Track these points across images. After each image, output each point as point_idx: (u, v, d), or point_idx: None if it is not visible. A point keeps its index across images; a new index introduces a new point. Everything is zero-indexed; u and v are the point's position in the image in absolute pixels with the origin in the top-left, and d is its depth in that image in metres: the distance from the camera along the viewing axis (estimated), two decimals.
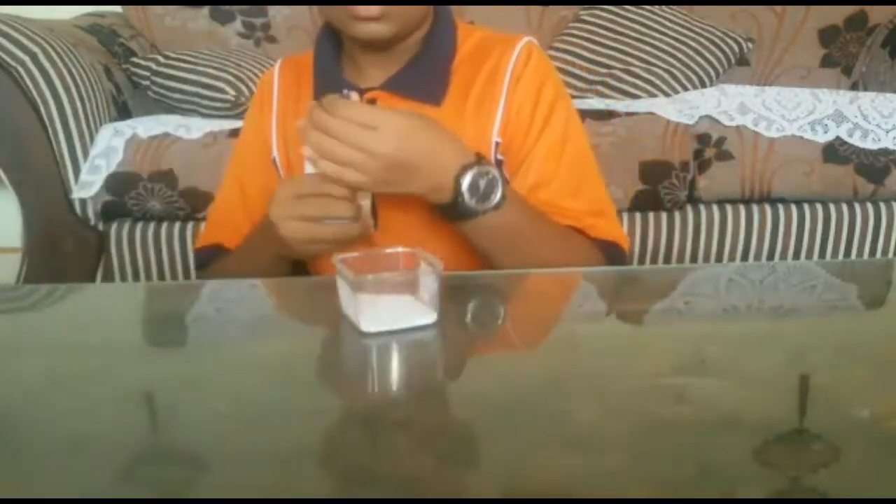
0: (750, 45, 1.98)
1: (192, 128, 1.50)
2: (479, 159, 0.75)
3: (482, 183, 0.74)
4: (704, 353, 0.56)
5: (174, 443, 0.43)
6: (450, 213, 0.76)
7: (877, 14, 2.00)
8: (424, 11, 0.84)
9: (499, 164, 0.85)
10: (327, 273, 0.83)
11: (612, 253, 0.86)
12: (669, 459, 0.40)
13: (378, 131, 0.69)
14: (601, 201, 0.89)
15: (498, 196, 0.75)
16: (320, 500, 0.37)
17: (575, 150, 0.87)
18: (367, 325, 0.56)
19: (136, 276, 1.54)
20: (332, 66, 0.87)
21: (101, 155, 1.47)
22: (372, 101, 0.84)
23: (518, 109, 0.84)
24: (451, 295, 0.65)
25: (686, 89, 1.84)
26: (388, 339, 0.56)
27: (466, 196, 0.73)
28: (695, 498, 0.36)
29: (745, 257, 1.56)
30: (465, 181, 0.73)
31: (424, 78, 0.84)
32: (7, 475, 0.40)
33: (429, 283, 0.57)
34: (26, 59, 1.43)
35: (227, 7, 1.97)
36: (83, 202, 1.50)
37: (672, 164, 1.47)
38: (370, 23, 0.78)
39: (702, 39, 1.92)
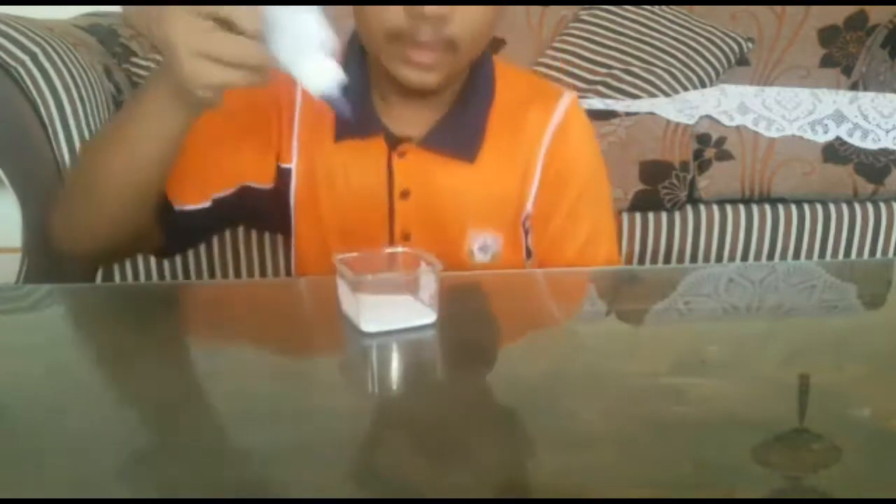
0: (750, 45, 1.98)
1: None
2: None
3: None
4: (704, 353, 0.56)
5: (174, 443, 0.43)
6: None
7: (877, 14, 2.01)
8: (469, 63, 0.80)
9: (525, 232, 0.86)
10: (313, 269, 0.83)
11: None
12: (669, 459, 0.40)
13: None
14: (605, 233, 0.89)
15: None
16: (320, 500, 0.37)
17: (596, 208, 0.88)
18: (367, 325, 0.55)
19: (136, 276, 1.54)
20: (363, 99, 0.81)
21: None
22: (403, 155, 0.80)
23: (555, 176, 0.84)
24: (451, 295, 0.65)
25: (686, 89, 1.84)
26: (388, 339, 0.56)
27: None
28: (694, 498, 0.36)
29: (745, 257, 1.56)
30: None
31: (460, 134, 0.81)
32: (7, 475, 0.40)
33: (429, 283, 0.57)
34: (26, 59, 1.43)
35: None
36: None
37: (672, 164, 1.47)
38: (424, 71, 0.73)
39: (702, 39, 1.92)
